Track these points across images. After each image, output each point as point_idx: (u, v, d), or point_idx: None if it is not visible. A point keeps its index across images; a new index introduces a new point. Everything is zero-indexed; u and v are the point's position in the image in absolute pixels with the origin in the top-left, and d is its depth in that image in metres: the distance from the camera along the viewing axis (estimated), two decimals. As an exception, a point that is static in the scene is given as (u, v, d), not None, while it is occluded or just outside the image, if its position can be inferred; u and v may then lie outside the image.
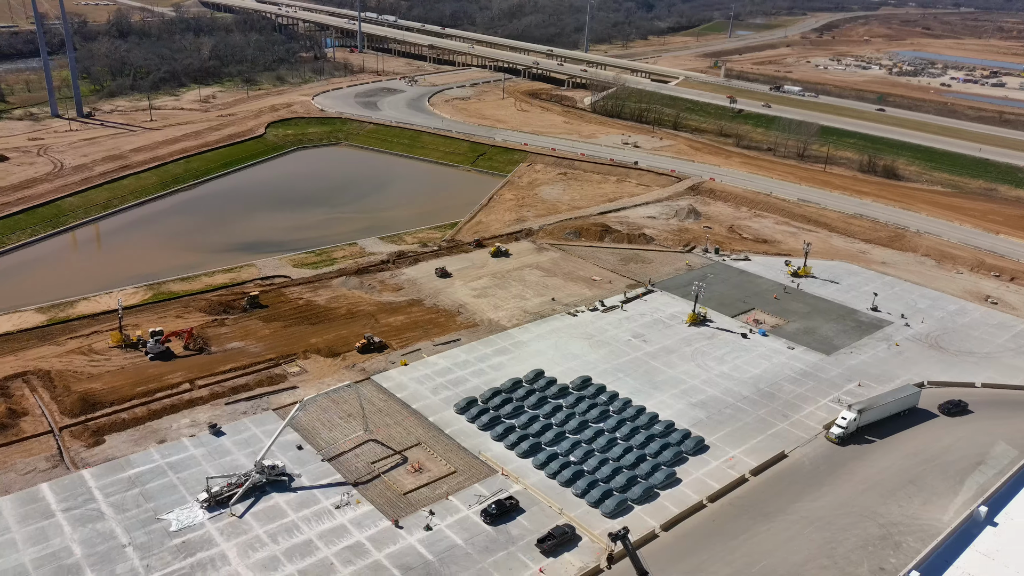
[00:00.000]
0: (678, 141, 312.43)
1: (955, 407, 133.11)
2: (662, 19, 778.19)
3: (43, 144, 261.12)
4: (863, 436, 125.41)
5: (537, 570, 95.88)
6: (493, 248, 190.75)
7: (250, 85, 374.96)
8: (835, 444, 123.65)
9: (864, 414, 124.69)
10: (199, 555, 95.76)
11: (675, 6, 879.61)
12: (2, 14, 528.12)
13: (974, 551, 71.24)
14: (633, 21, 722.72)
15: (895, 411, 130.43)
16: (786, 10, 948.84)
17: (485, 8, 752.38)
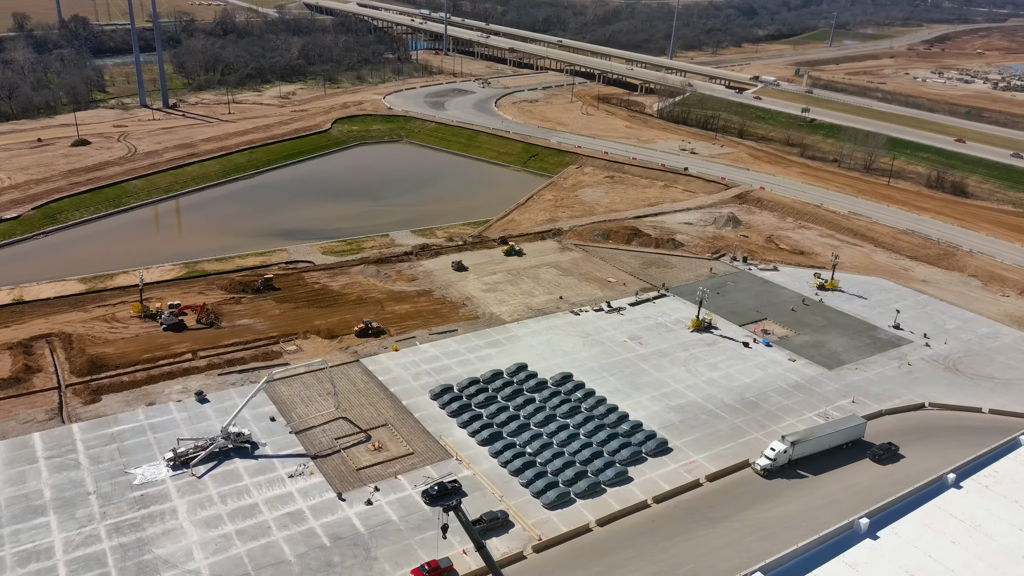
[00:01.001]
0: (739, 149, 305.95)
1: (885, 452, 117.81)
2: (762, 27, 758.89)
3: (125, 131, 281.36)
4: (795, 470, 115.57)
5: (461, 551, 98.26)
6: (507, 247, 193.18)
7: (330, 83, 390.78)
8: (761, 476, 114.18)
9: (797, 446, 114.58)
10: (152, 508, 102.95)
11: (779, 14, 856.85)
12: (121, 13, 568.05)
13: (840, 561, 68.42)
14: (729, 28, 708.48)
15: (835, 443, 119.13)
16: (901, 21, 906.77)
17: (580, 13, 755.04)
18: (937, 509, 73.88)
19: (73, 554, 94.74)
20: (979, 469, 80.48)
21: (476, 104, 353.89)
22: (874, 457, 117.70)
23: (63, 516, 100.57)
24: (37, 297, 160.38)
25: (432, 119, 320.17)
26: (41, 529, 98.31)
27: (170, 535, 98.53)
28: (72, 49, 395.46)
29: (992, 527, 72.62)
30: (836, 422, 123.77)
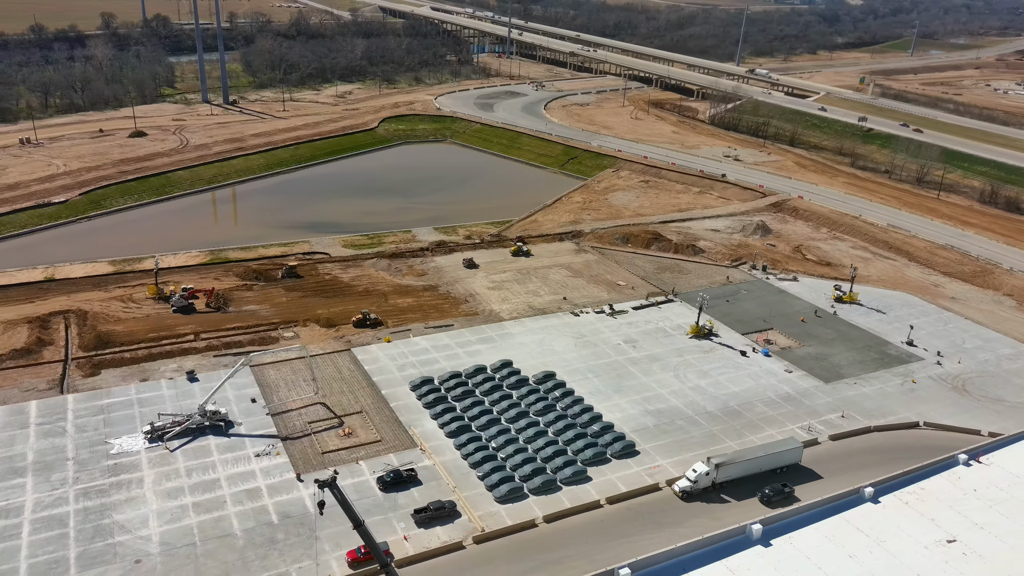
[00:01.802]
0: (786, 157, 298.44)
1: (776, 495, 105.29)
2: (842, 34, 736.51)
3: (182, 125, 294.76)
4: (719, 495, 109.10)
5: (402, 537, 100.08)
6: (514, 247, 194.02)
7: (388, 84, 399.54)
8: (679, 499, 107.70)
9: (722, 469, 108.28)
10: (121, 476, 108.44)
11: (863, 22, 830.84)
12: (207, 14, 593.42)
13: (723, 565, 66.57)
14: (806, 35, 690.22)
15: (766, 468, 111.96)
16: (997, 31, 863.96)
17: (652, 18, 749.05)
18: (844, 522, 71.07)
19: (40, 514, 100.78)
20: (904, 486, 76.91)
21: (525, 107, 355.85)
22: (763, 499, 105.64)
23: (39, 479, 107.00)
24: (67, 276, 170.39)
25: (478, 120, 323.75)
26: (17, 489, 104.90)
27: (132, 502, 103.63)
28: (148, 47, 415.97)
29: (898, 545, 69.40)
30: (770, 445, 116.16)
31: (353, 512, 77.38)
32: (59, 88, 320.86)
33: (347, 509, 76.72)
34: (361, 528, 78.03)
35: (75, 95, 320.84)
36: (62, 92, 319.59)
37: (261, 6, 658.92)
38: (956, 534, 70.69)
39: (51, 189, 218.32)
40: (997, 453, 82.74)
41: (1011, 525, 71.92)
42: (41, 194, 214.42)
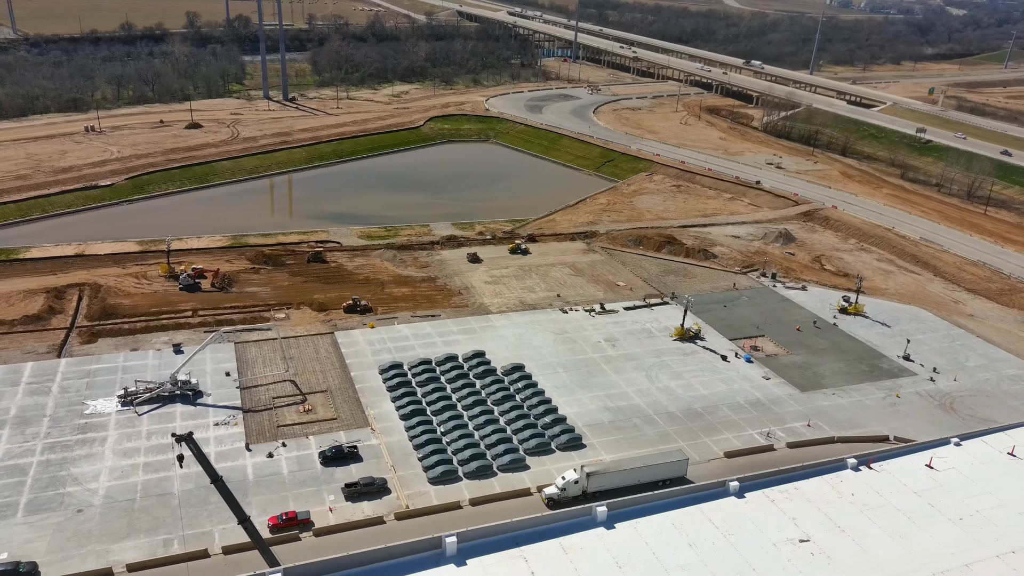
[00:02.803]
0: (833, 166, 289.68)
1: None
2: (934, 45, 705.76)
3: (238, 119, 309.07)
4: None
5: (328, 508, 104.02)
6: (512, 245, 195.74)
7: (446, 85, 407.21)
8: (546, 506, 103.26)
9: (594, 478, 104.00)
10: (88, 434, 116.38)
11: (960, 33, 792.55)
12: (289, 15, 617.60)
13: (558, 543, 66.22)
14: (893, 44, 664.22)
15: (645, 480, 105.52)
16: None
17: (733, 25, 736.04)
18: (699, 513, 69.96)
19: (6, 463, 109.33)
20: (777, 484, 75.01)
21: (575, 110, 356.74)
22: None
23: (14, 431, 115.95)
24: (95, 252, 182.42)
25: (523, 121, 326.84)
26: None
27: (90, 458, 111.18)
28: (225, 46, 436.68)
29: (744, 539, 67.90)
30: (652, 456, 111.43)
31: (210, 467, 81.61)
32: (131, 81, 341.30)
33: (203, 464, 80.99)
34: (218, 483, 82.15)
35: (146, 88, 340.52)
36: (134, 85, 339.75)
37: (344, 9, 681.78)
38: (812, 535, 68.93)
39: (100, 173, 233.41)
40: (892, 461, 79.70)
41: (874, 531, 69.65)
42: (90, 177, 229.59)
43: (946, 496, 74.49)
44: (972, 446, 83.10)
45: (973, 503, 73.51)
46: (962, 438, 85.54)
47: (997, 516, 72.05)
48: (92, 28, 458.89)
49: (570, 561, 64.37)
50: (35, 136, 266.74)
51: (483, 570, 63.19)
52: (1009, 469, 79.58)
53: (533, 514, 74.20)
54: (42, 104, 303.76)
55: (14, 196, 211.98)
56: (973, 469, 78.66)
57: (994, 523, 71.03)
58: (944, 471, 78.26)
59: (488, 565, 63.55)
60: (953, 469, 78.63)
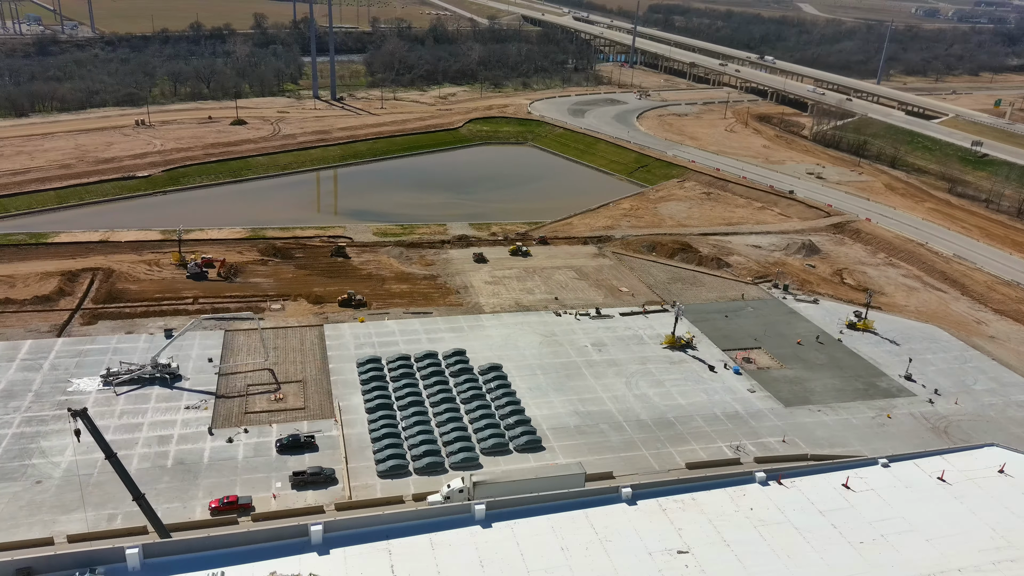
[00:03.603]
0: (879, 178, 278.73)
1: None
2: (1021, 56, 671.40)
3: (284, 116, 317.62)
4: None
5: (271, 495, 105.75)
6: (513, 247, 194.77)
7: (495, 88, 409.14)
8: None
9: (480, 488, 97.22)
10: (65, 410, 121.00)
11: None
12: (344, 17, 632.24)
13: (428, 538, 64.70)
14: (973, 55, 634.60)
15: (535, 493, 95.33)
16: None
17: (805, 32, 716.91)
18: (583, 517, 67.27)
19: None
20: (673, 493, 71.98)
21: (618, 115, 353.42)
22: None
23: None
24: (118, 239, 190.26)
25: (562, 125, 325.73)
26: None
27: (60, 433, 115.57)
28: (285, 46, 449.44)
29: (620, 545, 65.11)
30: (547, 468, 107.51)
31: (104, 443, 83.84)
32: (188, 78, 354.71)
33: (98, 440, 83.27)
34: (112, 459, 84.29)
35: (202, 86, 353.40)
36: (191, 83, 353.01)
37: (412, 13, 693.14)
38: (694, 547, 66.11)
39: (139, 164, 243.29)
40: (806, 478, 75.54)
41: (762, 548, 66.34)
42: (129, 168, 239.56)
43: (852, 518, 70.49)
44: (901, 468, 78.44)
45: (880, 527, 69.34)
46: (891, 459, 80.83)
47: (901, 542, 67.75)
48: (163, 27, 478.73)
49: (434, 557, 63.73)
50: (88, 128, 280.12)
51: (344, 560, 63.17)
52: (932, 494, 74.80)
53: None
54: (100, 98, 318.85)
55: (55, 184, 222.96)
56: (893, 492, 74.19)
57: (895, 549, 66.81)
58: (860, 492, 74.09)
59: (350, 555, 63.48)
60: (871, 490, 74.38)
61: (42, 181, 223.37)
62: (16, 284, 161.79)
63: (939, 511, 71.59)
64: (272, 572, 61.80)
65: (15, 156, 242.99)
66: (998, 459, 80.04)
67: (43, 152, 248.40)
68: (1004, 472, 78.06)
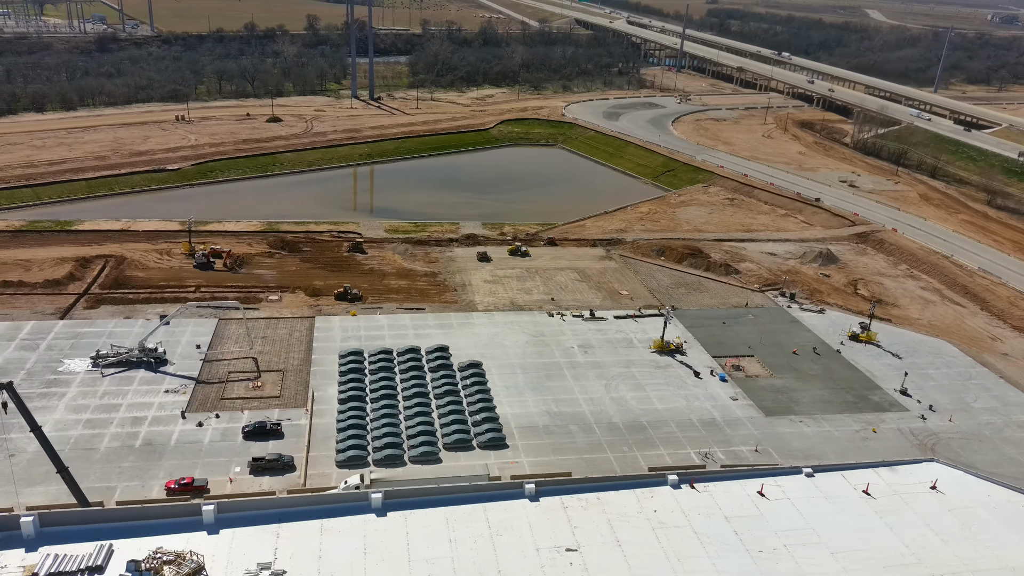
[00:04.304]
0: (915, 188, 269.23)
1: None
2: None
3: (319, 115, 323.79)
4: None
5: (228, 478, 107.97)
6: (512, 247, 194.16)
7: (535, 90, 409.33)
8: None
9: (376, 486, 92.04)
10: (52, 389, 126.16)
11: None
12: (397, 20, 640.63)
13: (319, 524, 64.78)
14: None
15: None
16: None
17: (867, 38, 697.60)
18: (480, 510, 64.72)
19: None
20: (579, 492, 70.20)
21: (654, 118, 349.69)
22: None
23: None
24: (138, 229, 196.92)
25: (594, 128, 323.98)
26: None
27: (43, 410, 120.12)
28: (333, 47, 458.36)
29: (510, 540, 62.18)
30: (450, 468, 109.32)
31: (29, 416, 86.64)
32: (233, 77, 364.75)
33: (24, 413, 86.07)
34: (37, 432, 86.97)
35: (246, 84, 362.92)
36: (236, 81, 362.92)
37: (464, 16, 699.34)
38: (585, 545, 64.82)
39: (171, 158, 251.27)
40: (721, 483, 73.23)
41: (655, 551, 64.46)
42: (161, 161, 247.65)
43: (758, 526, 68.10)
44: (825, 479, 75.34)
45: (785, 537, 66.81)
46: (817, 469, 77.85)
47: (802, 553, 65.13)
48: (219, 27, 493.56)
49: (320, 541, 64.20)
50: (129, 122, 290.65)
51: (231, 539, 64.21)
52: (850, 507, 71.70)
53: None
54: (146, 94, 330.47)
55: (88, 174, 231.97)
56: (809, 502, 71.33)
57: (794, 560, 64.27)
58: (774, 500, 71.52)
59: (239, 536, 64.50)
60: (787, 500, 71.73)
61: (76, 171, 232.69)
62: (32, 268, 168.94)
63: (853, 525, 68.72)
64: (158, 547, 63.30)
65: (56, 147, 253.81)
66: (935, 475, 76.37)
67: (82, 144, 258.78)
68: (936, 489, 74.50)
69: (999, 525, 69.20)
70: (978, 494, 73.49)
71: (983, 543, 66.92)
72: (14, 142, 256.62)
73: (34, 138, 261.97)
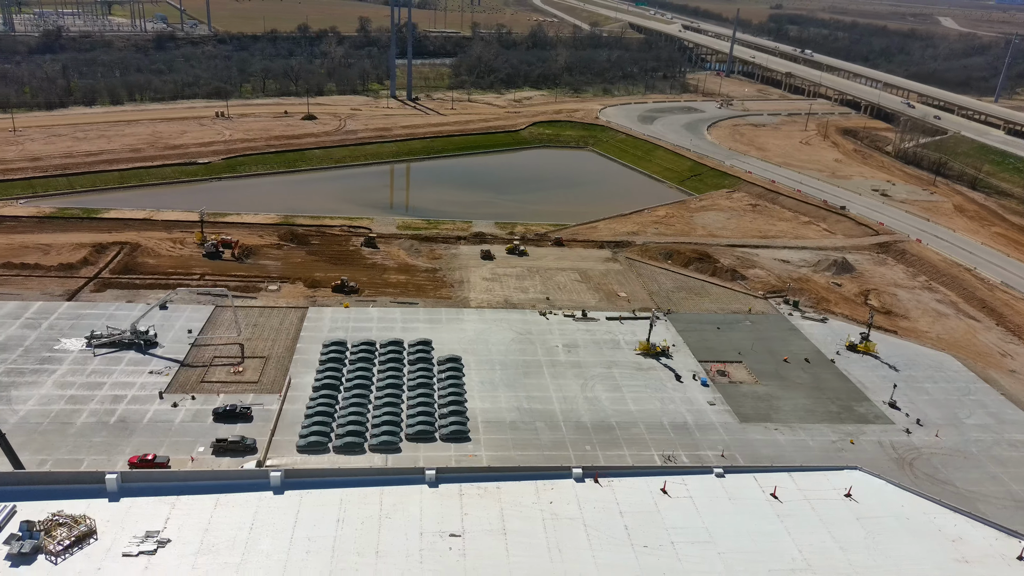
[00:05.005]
0: (952, 199, 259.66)
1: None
2: None
3: (355, 114, 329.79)
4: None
5: (190, 457, 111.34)
6: (510, 245, 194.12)
7: (574, 93, 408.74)
8: None
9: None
10: (44, 365, 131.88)
11: None
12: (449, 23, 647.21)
13: (214, 499, 66.19)
14: None
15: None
16: None
17: (931, 46, 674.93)
18: (375, 493, 65.82)
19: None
20: (480, 481, 69.97)
21: (690, 123, 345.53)
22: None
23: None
24: (159, 218, 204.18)
25: (626, 131, 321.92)
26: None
27: (32, 385, 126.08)
28: (381, 48, 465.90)
29: (395, 523, 63.80)
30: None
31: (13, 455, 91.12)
32: (278, 76, 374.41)
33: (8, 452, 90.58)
34: None
35: (290, 83, 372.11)
36: (279, 80, 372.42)
37: (518, 19, 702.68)
38: (470, 532, 64.72)
39: (203, 152, 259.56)
40: (625, 479, 72.01)
41: (538, 541, 63.76)
42: (193, 155, 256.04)
43: (651, 522, 67.02)
44: (735, 479, 73.42)
45: (676, 534, 65.57)
46: (728, 470, 76.02)
47: (688, 551, 63.83)
48: (273, 28, 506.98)
49: (211, 514, 66.09)
50: (170, 117, 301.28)
51: (128, 508, 66.64)
52: (752, 509, 69.87)
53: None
54: (192, 91, 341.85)
55: (121, 165, 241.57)
56: (710, 502, 69.77)
57: (678, 558, 63.00)
58: (676, 498, 70.22)
59: (136, 505, 66.90)
60: (688, 498, 70.34)
61: (110, 162, 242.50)
62: (50, 252, 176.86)
63: (749, 527, 67.07)
64: (58, 511, 66.10)
65: (96, 139, 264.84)
66: (852, 483, 73.88)
67: (121, 137, 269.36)
68: (850, 496, 72.11)
69: (906, 536, 66.68)
70: (893, 504, 70.94)
71: (883, 552, 64.60)
72: (59, 133, 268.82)
73: (78, 130, 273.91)
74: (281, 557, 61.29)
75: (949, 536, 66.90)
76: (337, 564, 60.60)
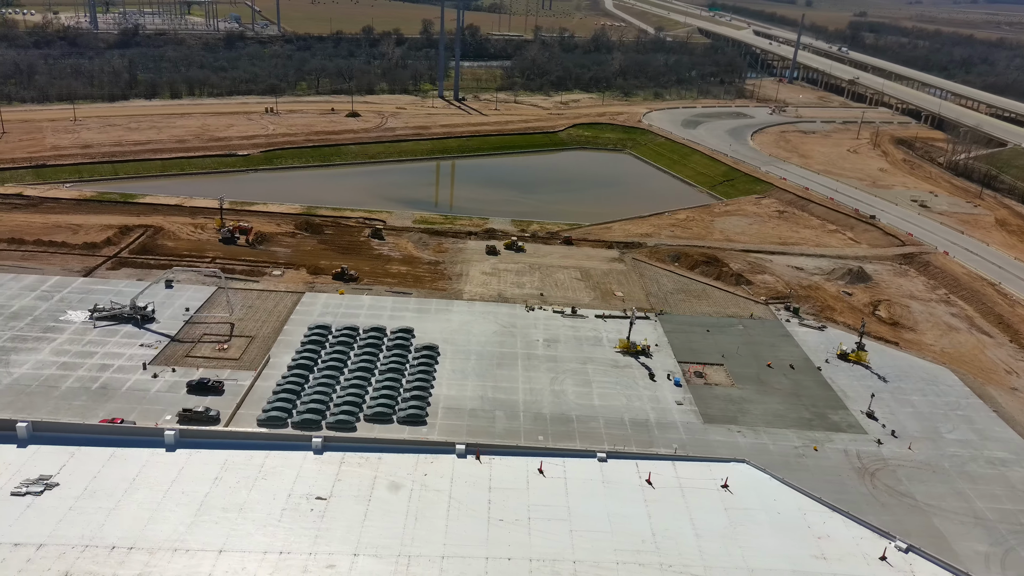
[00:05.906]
0: (996, 212, 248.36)
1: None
2: None
3: (399, 112, 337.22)
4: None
5: (154, 424, 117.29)
6: (508, 241, 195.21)
7: (623, 97, 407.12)
8: None
9: None
10: (47, 334, 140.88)
11: None
12: (512, 26, 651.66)
13: (111, 451, 69.95)
14: None
15: None
16: None
17: (1017, 56, 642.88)
18: (263, 456, 70.31)
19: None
20: (365, 451, 72.14)
21: (734, 129, 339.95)
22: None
23: (1, 323, 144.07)
24: (189, 204, 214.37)
25: (666, 135, 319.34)
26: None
27: (32, 351, 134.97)
28: (435, 51, 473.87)
29: (271, 484, 67.41)
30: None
31: None
32: (332, 75, 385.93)
33: None
34: None
35: (343, 82, 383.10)
36: (331, 79, 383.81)
37: (586, 24, 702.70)
38: (338, 496, 67.33)
39: (244, 144, 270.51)
40: (505, 458, 72.66)
41: (398, 507, 66.44)
42: (234, 147, 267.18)
43: (514, 498, 67.98)
44: (616, 464, 73.47)
45: (535, 511, 66.16)
46: (611, 455, 76.01)
47: (541, 527, 64.32)
48: (339, 29, 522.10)
49: (103, 466, 70.75)
50: (221, 112, 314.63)
51: (33, 454, 72.02)
52: (620, 493, 69.98)
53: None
54: (247, 87, 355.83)
55: (165, 155, 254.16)
56: (582, 484, 69.98)
57: (528, 532, 63.52)
58: (550, 478, 70.90)
59: (41, 452, 72.23)
60: (561, 479, 70.89)
61: (155, 152, 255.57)
62: (79, 231, 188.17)
63: (611, 509, 67.37)
64: (-31, 453, 71.95)
65: (147, 130, 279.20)
66: (735, 475, 72.88)
67: (171, 128, 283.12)
68: (727, 487, 71.29)
69: (770, 530, 65.71)
70: (769, 498, 69.91)
71: (738, 543, 63.94)
72: (114, 124, 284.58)
73: (132, 121, 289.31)
74: (151, 506, 65.32)
75: (816, 533, 65.79)
76: (200, 516, 64.20)
